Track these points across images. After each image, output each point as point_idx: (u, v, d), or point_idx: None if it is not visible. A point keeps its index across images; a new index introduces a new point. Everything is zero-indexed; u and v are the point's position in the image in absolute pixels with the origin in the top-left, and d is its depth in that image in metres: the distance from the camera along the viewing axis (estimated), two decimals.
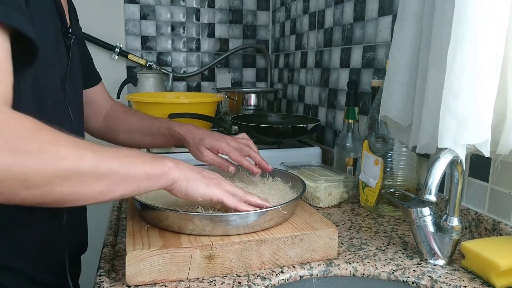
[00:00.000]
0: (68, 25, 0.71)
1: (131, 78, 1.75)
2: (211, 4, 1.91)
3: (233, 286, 0.60)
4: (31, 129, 0.45)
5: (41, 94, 0.61)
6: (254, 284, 0.61)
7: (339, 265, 0.68)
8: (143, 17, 1.84)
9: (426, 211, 0.68)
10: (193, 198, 0.61)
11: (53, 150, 0.45)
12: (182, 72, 1.92)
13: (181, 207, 0.69)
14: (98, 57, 1.77)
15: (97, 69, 0.95)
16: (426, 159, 0.93)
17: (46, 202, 0.47)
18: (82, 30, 0.82)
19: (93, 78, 0.93)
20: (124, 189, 0.52)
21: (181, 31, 1.89)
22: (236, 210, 0.63)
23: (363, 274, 0.67)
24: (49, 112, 0.64)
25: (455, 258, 0.70)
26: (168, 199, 0.72)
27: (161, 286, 0.60)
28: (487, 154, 0.63)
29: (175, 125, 0.89)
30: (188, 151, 0.87)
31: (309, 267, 0.67)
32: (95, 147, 0.50)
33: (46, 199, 0.46)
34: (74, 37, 0.72)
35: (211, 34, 1.94)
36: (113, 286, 0.60)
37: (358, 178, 0.98)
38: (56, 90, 0.67)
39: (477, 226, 0.77)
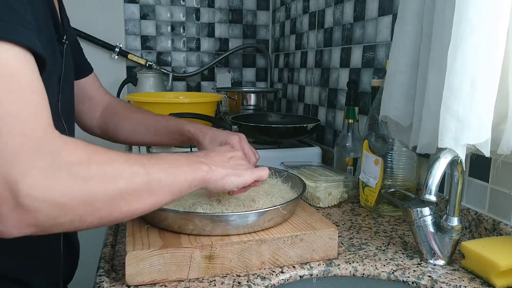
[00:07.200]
0: (61, 29, 0.68)
1: (131, 78, 1.75)
2: (211, 4, 1.91)
3: (233, 286, 0.60)
4: (87, 152, 0.44)
5: None
6: (254, 284, 0.61)
7: (339, 265, 0.68)
8: (143, 17, 1.84)
9: (426, 211, 0.68)
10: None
11: (111, 171, 0.45)
12: (182, 72, 1.92)
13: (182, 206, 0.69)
14: (98, 57, 1.77)
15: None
16: (426, 159, 0.93)
17: (105, 223, 0.47)
18: (82, 30, 0.80)
19: (84, 69, 0.88)
20: (169, 198, 0.53)
21: (181, 30, 1.89)
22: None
23: (363, 274, 0.67)
24: None
25: (455, 258, 0.70)
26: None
27: (161, 286, 0.60)
28: (487, 154, 0.63)
29: (184, 123, 0.86)
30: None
31: (309, 267, 0.67)
32: (142, 159, 0.50)
33: (106, 220, 0.46)
34: (67, 42, 0.69)
35: (211, 34, 1.93)
36: (113, 286, 0.60)
37: (358, 178, 0.98)
38: (52, 103, 0.64)
39: (477, 226, 0.77)
